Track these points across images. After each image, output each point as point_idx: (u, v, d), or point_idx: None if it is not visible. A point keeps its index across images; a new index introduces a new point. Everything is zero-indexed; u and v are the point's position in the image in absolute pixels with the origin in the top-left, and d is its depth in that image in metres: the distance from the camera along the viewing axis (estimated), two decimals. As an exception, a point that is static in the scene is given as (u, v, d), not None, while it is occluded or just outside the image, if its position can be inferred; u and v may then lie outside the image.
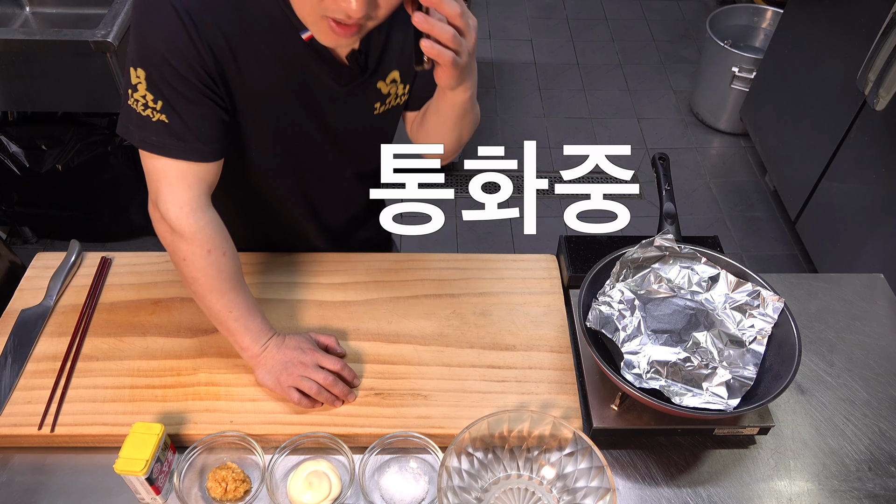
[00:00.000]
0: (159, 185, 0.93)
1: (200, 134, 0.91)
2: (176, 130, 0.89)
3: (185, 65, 0.86)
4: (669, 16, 3.81)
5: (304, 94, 0.99)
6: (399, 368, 1.06)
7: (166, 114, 0.88)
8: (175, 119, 0.89)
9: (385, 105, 1.07)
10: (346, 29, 0.82)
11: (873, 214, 2.11)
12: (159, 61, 0.86)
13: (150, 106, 0.88)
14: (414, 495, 0.94)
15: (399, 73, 1.04)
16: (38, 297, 1.14)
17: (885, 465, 0.99)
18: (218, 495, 0.92)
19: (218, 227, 0.97)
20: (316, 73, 0.97)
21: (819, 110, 2.38)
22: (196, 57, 0.86)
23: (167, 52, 0.85)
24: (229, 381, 1.04)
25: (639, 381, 0.94)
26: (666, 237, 1.06)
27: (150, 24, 0.85)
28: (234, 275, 0.98)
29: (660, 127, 3.13)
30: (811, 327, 1.16)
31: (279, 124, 1.01)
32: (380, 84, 1.03)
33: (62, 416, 0.99)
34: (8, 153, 2.19)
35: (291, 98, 0.98)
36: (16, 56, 1.94)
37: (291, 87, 0.97)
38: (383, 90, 1.04)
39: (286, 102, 0.99)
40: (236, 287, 0.99)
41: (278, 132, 1.03)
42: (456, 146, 1.09)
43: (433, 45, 0.80)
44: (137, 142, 0.91)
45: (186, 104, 0.89)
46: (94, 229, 2.52)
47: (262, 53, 0.92)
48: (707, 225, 2.70)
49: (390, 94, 1.06)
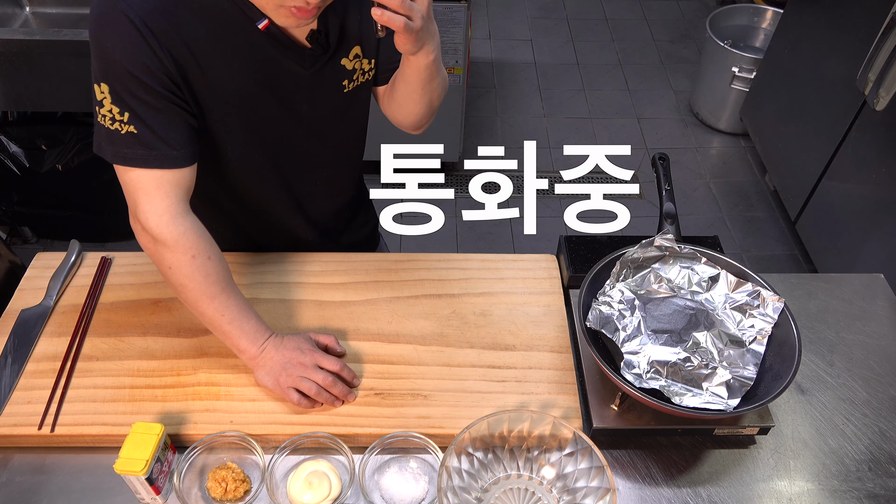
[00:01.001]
0: (137, 197, 0.94)
1: (170, 140, 0.91)
2: (146, 140, 0.90)
3: (146, 73, 0.87)
4: (669, 16, 3.81)
5: (271, 85, 0.99)
6: (399, 368, 1.06)
7: (134, 124, 0.89)
8: (143, 129, 0.89)
9: (353, 82, 1.07)
10: (306, 12, 0.85)
11: (873, 214, 2.11)
12: (120, 73, 0.86)
13: (118, 119, 0.89)
14: (414, 495, 0.94)
15: (360, 47, 1.04)
16: (38, 297, 1.14)
17: (885, 465, 0.99)
18: (218, 495, 0.92)
19: (200, 232, 0.97)
20: (279, 60, 0.97)
21: (819, 110, 2.38)
22: (157, 64, 0.87)
23: (127, 63, 0.86)
24: (229, 381, 1.04)
25: (639, 381, 0.94)
26: (666, 237, 1.06)
27: (108, 37, 0.86)
28: (221, 278, 0.98)
29: (660, 127, 3.13)
30: (811, 327, 1.16)
31: (250, 120, 1.01)
32: (344, 61, 1.03)
33: (62, 416, 0.99)
34: (8, 153, 2.19)
35: (258, 91, 0.98)
36: (16, 56, 1.94)
37: (256, 80, 0.97)
38: (348, 66, 1.04)
39: (254, 96, 0.99)
40: (226, 290, 0.99)
41: (251, 128, 1.03)
42: (428, 111, 1.10)
43: (384, 13, 0.82)
44: (110, 157, 0.92)
45: (153, 113, 0.89)
46: (94, 229, 2.52)
47: (223, 50, 0.92)
48: (707, 225, 2.70)
49: (356, 69, 1.06)
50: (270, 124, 1.04)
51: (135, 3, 0.85)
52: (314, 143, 1.12)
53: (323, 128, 1.10)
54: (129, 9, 0.84)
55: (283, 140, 1.07)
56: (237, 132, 1.02)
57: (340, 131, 1.14)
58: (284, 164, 1.11)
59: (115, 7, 0.84)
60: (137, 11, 0.84)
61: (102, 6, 0.86)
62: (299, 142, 1.10)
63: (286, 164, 1.12)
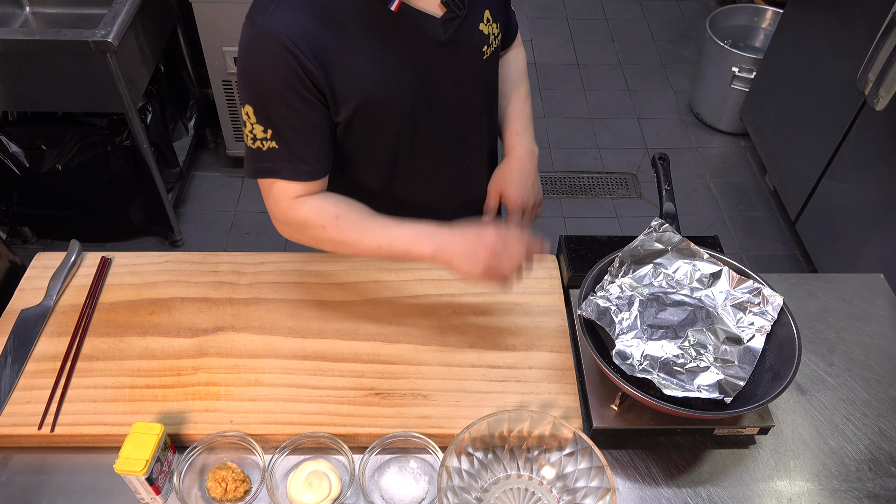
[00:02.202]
0: (273, 198, 1.02)
1: (307, 157, 0.99)
2: (282, 154, 0.98)
3: (290, 91, 0.93)
4: (669, 16, 3.81)
5: (413, 66, 1.00)
6: (399, 368, 1.06)
7: (276, 140, 0.97)
8: (283, 145, 0.97)
9: (490, 47, 1.07)
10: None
11: (873, 214, 2.11)
12: (265, 93, 0.93)
13: (260, 137, 0.97)
14: (414, 495, 0.94)
15: (489, 11, 1.05)
16: (38, 297, 1.14)
17: (885, 465, 0.99)
18: (218, 495, 0.92)
19: (320, 203, 1.02)
20: (416, 36, 0.98)
21: (819, 110, 2.38)
22: (301, 78, 0.92)
23: (271, 82, 0.92)
24: (229, 381, 1.04)
25: (630, 370, 0.94)
26: (662, 225, 1.07)
27: (254, 60, 0.92)
28: (357, 221, 1.01)
29: (660, 127, 3.13)
30: (811, 327, 1.16)
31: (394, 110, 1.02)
32: (481, 26, 1.04)
33: (62, 416, 0.99)
34: (8, 153, 2.19)
35: (401, 77, 1.00)
36: (16, 56, 1.94)
37: (397, 64, 0.99)
38: (485, 31, 1.05)
39: (397, 82, 1.00)
40: (368, 227, 1.01)
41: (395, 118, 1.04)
42: None
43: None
44: (252, 173, 1.01)
45: (293, 132, 0.96)
46: (94, 229, 2.52)
47: (362, 42, 0.95)
48: (707, 225, 2.69)
49: (490, 34, 1.06)
50: (414, 113, 1.05)
51: (277, 20, 0.90)
52: (459, 123, 1.11)
53: (467, 105, 1.10)
54: (273, 26, 0.90)
55: (428, 124, 1.08)
56: (380, 126, 1.04)
57: (484, 108, 1.14)
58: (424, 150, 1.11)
59: (260, 29, 0.90)
60: (285, 30, 0.90)
61: (248, 32, 0.92)
62: (445, 123, 1.10)
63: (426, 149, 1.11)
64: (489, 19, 1.05)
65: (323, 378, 1.05)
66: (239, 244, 2.56)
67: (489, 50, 1.07)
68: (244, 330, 1.11)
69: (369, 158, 1.10)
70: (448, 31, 1.00)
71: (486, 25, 1.05)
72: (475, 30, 1.03)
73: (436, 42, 0.99)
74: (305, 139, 0.98)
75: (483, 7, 1.04)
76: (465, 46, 1.03)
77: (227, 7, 2.21)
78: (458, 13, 1.00)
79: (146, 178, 2.32)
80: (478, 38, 1.04)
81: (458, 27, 1.01)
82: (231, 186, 2.77)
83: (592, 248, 1.20)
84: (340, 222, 1.01)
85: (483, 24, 1.04)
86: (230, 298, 1.16)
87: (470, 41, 1.03)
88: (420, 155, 1.11)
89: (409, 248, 0.99)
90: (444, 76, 1.04)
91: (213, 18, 2.25)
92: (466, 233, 0.99)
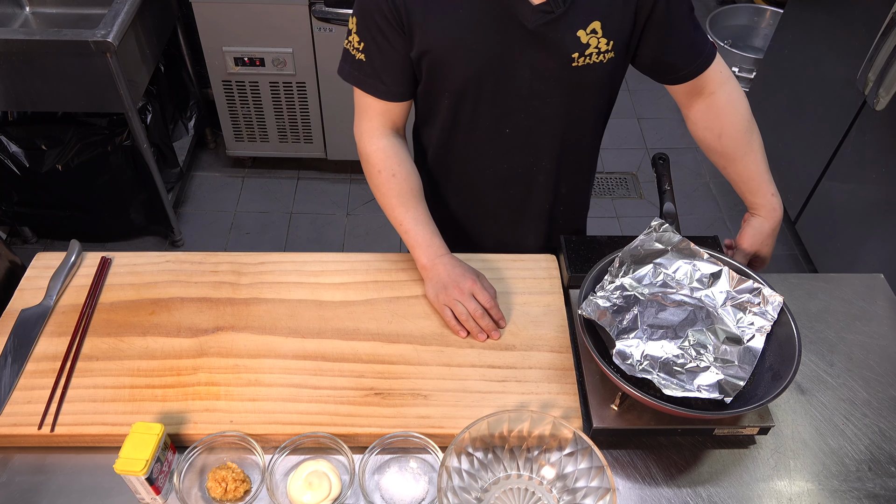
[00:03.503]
0: (358, 112, 1.16)
1: (384, 76, 1.09)
2: (367, 69, 1.10)
3: (382, 17, 1.04)
4: (669, 16, 3.81)
5: (491, 35, 1.03)
6: (399, 368, 1.06)
7: (364, 54, 1.09)
8: (369, 59, 1.09)
9: (585, 58, 1.05)
10: None
11: (873, 214, 2.11)
12: (366, 12, 1.05)
13: (356, 47, 1.09)
14: (414, 495, 0.94)
15: (601, 24, 1.03)
16: (38, 297, 1.14)
17: (885, 465, 0.99)
18: (218, 495, 0.92)
19: (391, 152, 1.14)
20: (507, 13, 1.01)
21: (819, 110, 2.38)
22: (389, 9, 1.02)
23: (371, 4, 1.04)
24: (229, 381, 1.04)
25: (630, 370, 0.94)
26: (659, 222, 1.07)
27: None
28: (403, 194, 1.14)
29: (660, 127, 3.13)
30: (811, 327, 1.16)
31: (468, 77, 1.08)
32: (580, 33, 1.03)
33: (62, 415, 0.99)
34: (8, 153, 2.19)
35: (476, 38, 1.03)
36: (16, 56, 1.94)
37: (476, 28, 1.02)
38: (583, 39, 1.03)
39: (472, 44, 1.04)
40: (406, 204, 1.14)
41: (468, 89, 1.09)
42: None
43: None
44: (345, 75, 1.13)
45: (377, 51, 1.07)
46: (94, 229, 2.52)
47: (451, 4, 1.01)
48: (707, 225, 2.70)
49: (590, 45, 1.04)
50: (479, 81, 1.08)
51: None
52: (529, 117, 1.13)
53: (543, 105, 1.11)
54: None
55: (493, 103, 1.11)
56: (443, 81, 1.10)
57: (562, 114, 1.13)
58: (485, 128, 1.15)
59: None
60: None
61: None
62: (512, 110, 1.12)
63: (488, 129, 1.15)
64: (596, 31, 1.03)
65: (323, 378, 1.05)
66: (239, 244, 2.56)
67: (583, 60, 1.05)
68: (244, 330, 1.11)
69: (431, 115, 1.18)
70: (537, 21, 1.00)
71: (589, 35, 1.03)
72: (570, 33, 1.02)
73: (521, 26, 1.01)
74: (388, 60, 1.08)
75: (592, 17, 1.02)
76: (553, 44, 1.03)
77: (227, 7, 2.21)
78: (554, 9, 1.00)
79: (146, 178, 2.32)
80: (570, 41, 1.03)
81: (551, 22, 1.00)
82: (231, 186, 2.77)
83: (592, 248, 1.20)
84: (391, 181, 1.13)
85: (583, 32, 1.02)
86: (230, 298, 1.16)
87: (560, 41, 1.02)
88: (480, 131, 1.15)
89: (413, 247, 1.15)
90: (522, 63, 1.05)
91: (213, 18, 2.25)
92: (456, 267, 1.12)
